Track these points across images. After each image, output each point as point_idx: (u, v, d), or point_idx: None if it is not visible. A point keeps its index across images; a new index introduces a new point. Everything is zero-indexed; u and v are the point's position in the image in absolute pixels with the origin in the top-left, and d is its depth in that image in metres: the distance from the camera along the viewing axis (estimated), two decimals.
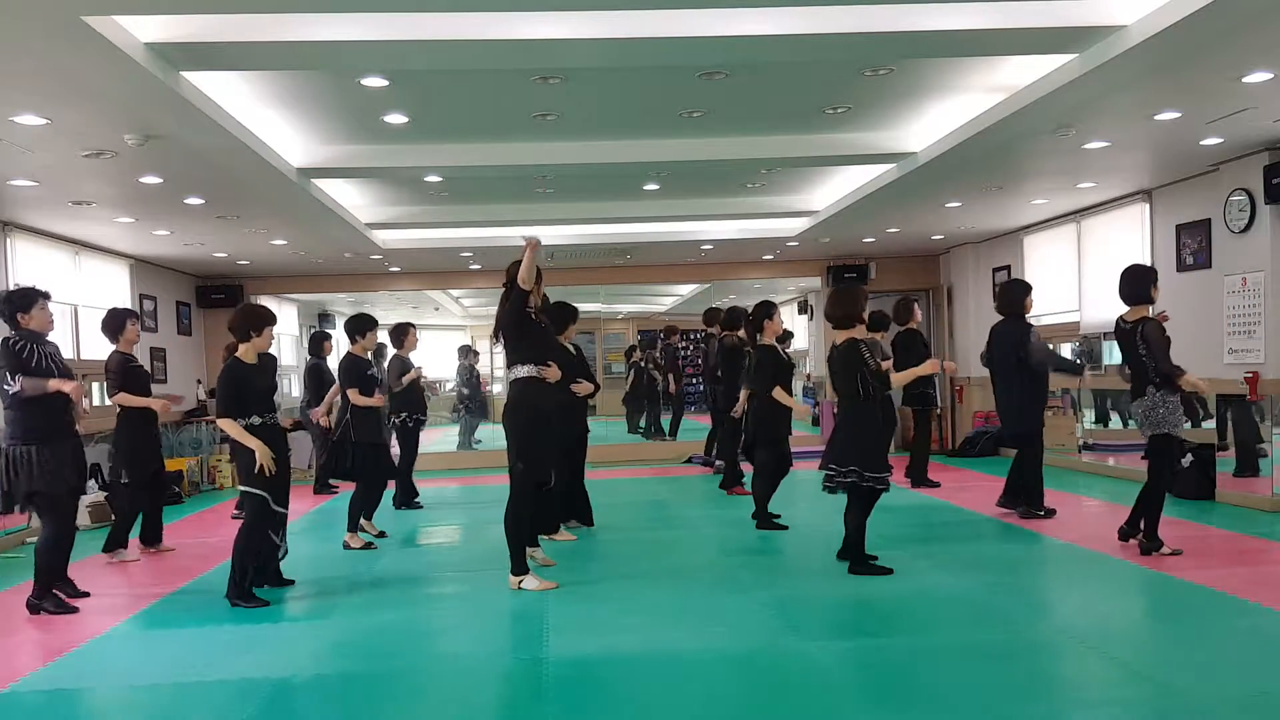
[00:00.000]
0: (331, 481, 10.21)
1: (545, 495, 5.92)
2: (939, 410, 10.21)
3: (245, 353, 5.58)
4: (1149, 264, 6.56)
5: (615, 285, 14.92)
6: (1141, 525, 6.07)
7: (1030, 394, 7.37)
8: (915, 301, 9.27)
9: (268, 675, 4.27)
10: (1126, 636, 4.59)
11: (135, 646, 4.94)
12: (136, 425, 6.97)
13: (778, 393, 7.20)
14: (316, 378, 9.98)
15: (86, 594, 5.80)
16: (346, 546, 7.05)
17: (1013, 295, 7.58)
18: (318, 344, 10.24)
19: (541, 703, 3.86)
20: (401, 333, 8.81)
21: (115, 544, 7.01)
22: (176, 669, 4.43)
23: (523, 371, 5.69)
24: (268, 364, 5.72)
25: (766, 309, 7.60)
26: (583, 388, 7.08)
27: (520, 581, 5.64)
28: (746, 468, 8.93)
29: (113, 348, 7.05)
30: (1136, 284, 6.11)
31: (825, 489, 5.83)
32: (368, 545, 7.11)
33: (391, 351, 8.98)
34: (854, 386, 5.71)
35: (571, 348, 7.20)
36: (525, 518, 5.75)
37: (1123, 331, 6.11)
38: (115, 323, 7.03)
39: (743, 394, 8.52)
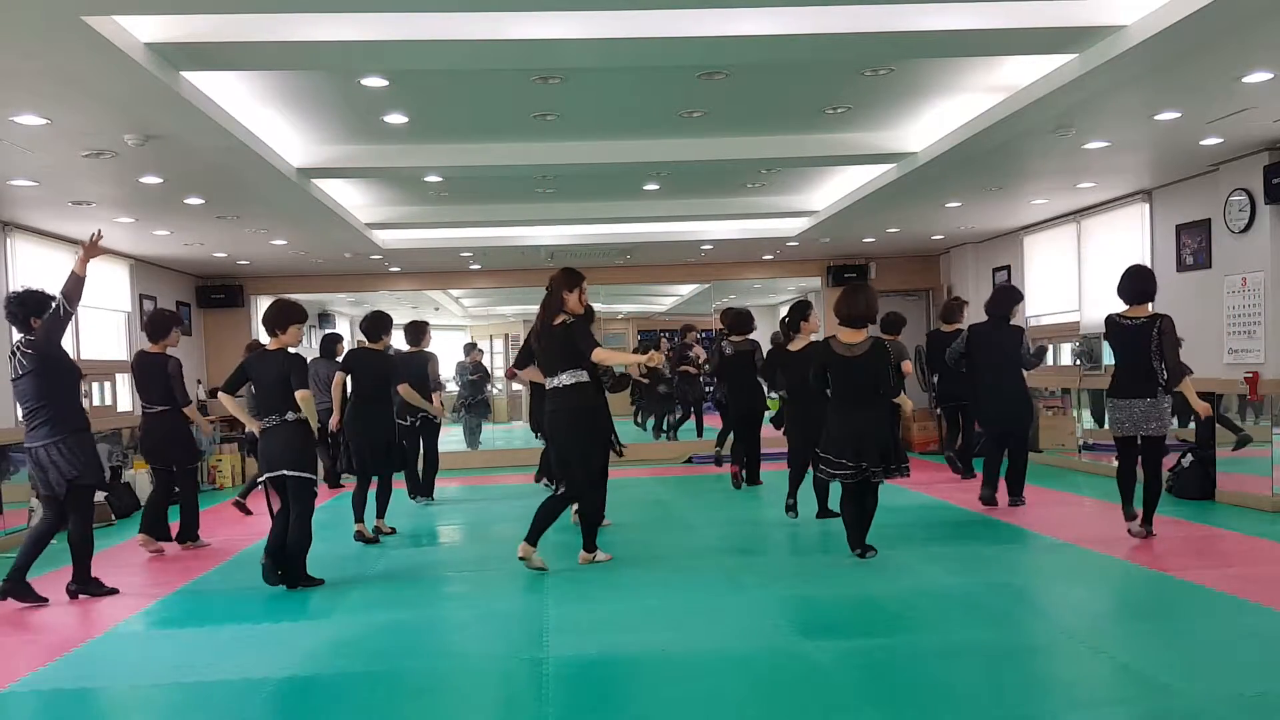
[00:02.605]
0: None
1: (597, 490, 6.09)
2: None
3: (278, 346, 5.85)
4: (1148, 265, 6.60)
5: (615, 285, 14.92)
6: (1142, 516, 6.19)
7: (1024, 389, 7.73)
8: (967, 303, 9.14)
9: (268, 675, 4.27)
10: (1126, 636, 4.59)
11: (136, 646, 4.94)
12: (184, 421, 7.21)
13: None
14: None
15: (45, 599, 5.64)
16: (361, 536, 7.24)
17: (1012, 301, 7.78)
18: (330, 345, 10.19)
19: (541, 703, 3.85)
20: (419, 331, 8.76)
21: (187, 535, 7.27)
22: (177, 669, 4.43)
23: (568, 379, 5.69)
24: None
25: (803, 309, 7.59)
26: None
27: (525, 551, 5.85)
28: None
29: (152, 347, 7.14)
30: (1146, 281, 6.12)
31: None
32: (374, 540, 7.24)
33: (406, 348, 8.82)
34: (884, 384, 5.89)
35: None
36: (557, 513, 5.95)
37: (1127, 329, 6.07)
38: (165, 325, 7.15)
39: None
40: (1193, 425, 8.01)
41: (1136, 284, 6.13)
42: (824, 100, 6.70)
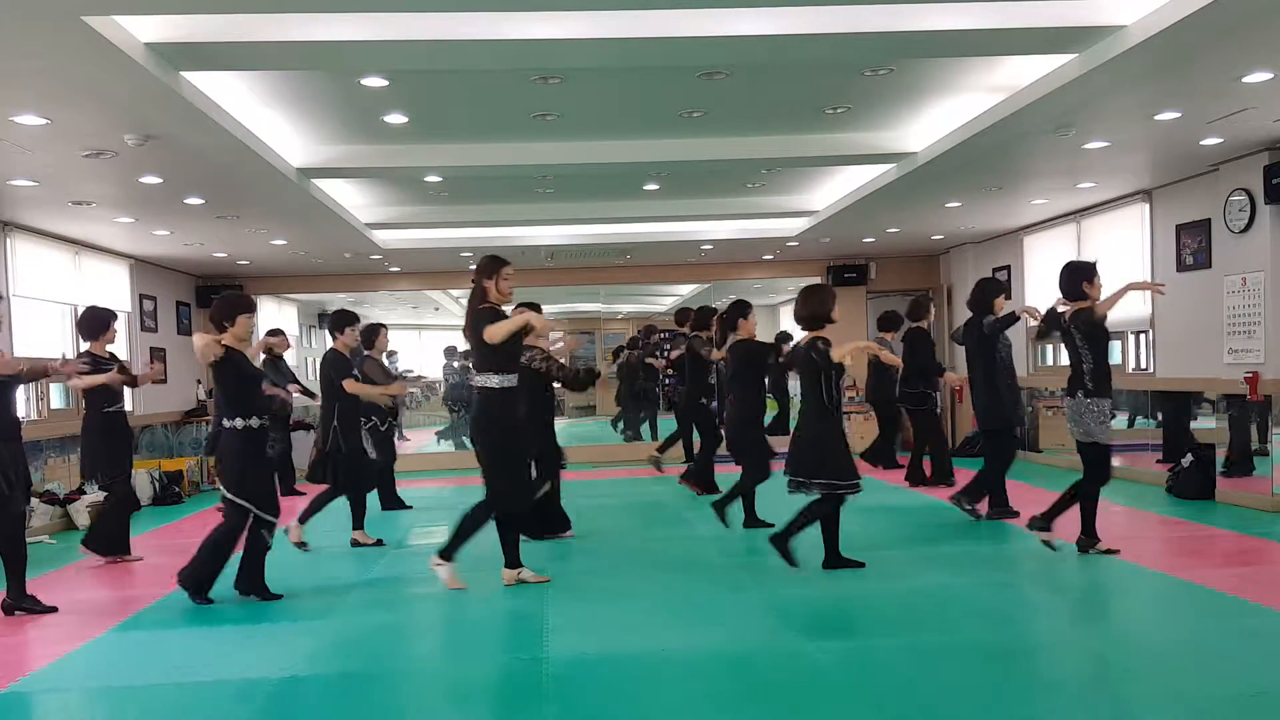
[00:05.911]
0: (297, 485, 10.08)
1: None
2: (939, 410, 9.93)
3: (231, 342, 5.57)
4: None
5: (615, 285, 14.92)
6: (1067, 519, 6.10)
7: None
8: (931, 300, 9.02)
9: (268, 675, 4.27)
10: (1126, 636, 4.60)
11: (135, 646, 4.93)
12: (95, 430, 6.69)
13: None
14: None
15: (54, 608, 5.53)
16: (301, 545, 6.95)
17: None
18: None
19: (541, 703, 3.86)
20: (372, 333, 8.21)
21: (111, 548, 6.81)
22: (176, 669, 4.43)
23: (493, 381, 5.29)
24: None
25: (741, 308, 7.30)
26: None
27: (439, 565, 5.56)
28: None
29: (94, 346, 6.73)
30: (1068, 278, 6.13)
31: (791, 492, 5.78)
32: (302, 545, 6.96)
33: (364, 352, 8.24)
34: (817, 390, 5.64)
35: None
36: (482, 523, 5.60)
37: (1062, 328, 6.16)
38: (99, 323, 6.75)
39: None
40: (1211, 425, 8.00)
41: (1061, 282, 6.19)
42: (824, 100, 6.70)
